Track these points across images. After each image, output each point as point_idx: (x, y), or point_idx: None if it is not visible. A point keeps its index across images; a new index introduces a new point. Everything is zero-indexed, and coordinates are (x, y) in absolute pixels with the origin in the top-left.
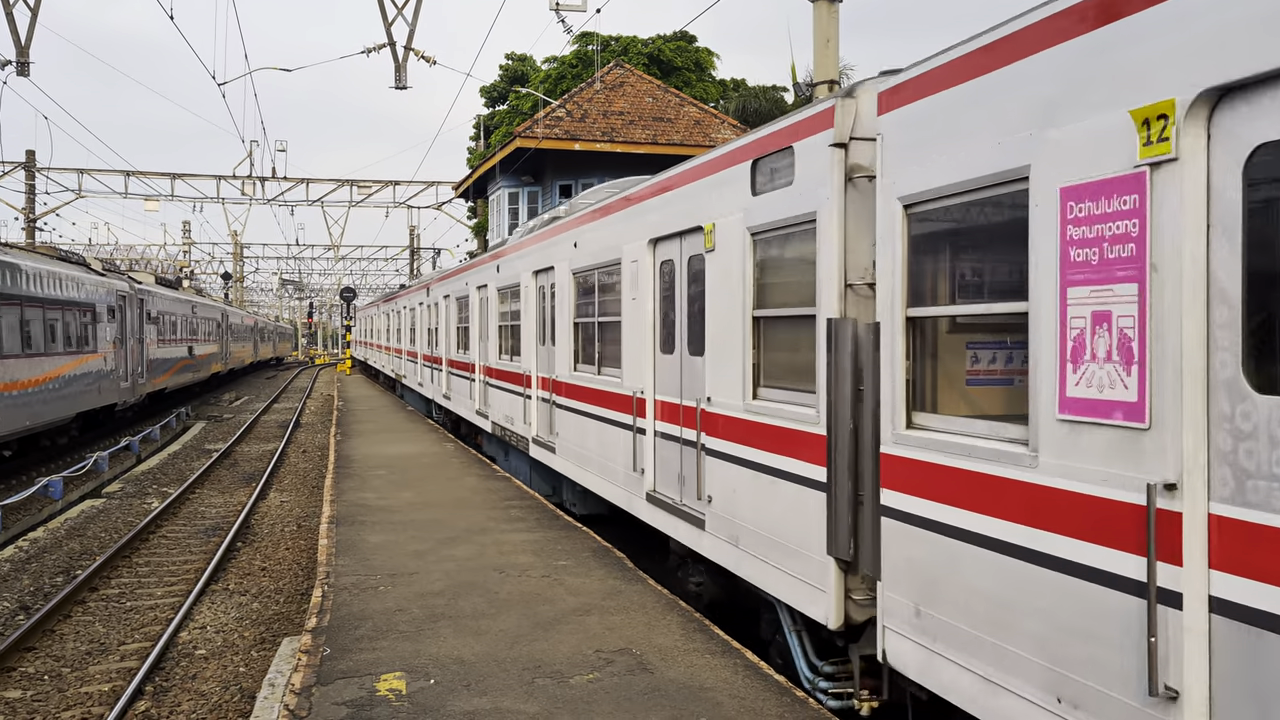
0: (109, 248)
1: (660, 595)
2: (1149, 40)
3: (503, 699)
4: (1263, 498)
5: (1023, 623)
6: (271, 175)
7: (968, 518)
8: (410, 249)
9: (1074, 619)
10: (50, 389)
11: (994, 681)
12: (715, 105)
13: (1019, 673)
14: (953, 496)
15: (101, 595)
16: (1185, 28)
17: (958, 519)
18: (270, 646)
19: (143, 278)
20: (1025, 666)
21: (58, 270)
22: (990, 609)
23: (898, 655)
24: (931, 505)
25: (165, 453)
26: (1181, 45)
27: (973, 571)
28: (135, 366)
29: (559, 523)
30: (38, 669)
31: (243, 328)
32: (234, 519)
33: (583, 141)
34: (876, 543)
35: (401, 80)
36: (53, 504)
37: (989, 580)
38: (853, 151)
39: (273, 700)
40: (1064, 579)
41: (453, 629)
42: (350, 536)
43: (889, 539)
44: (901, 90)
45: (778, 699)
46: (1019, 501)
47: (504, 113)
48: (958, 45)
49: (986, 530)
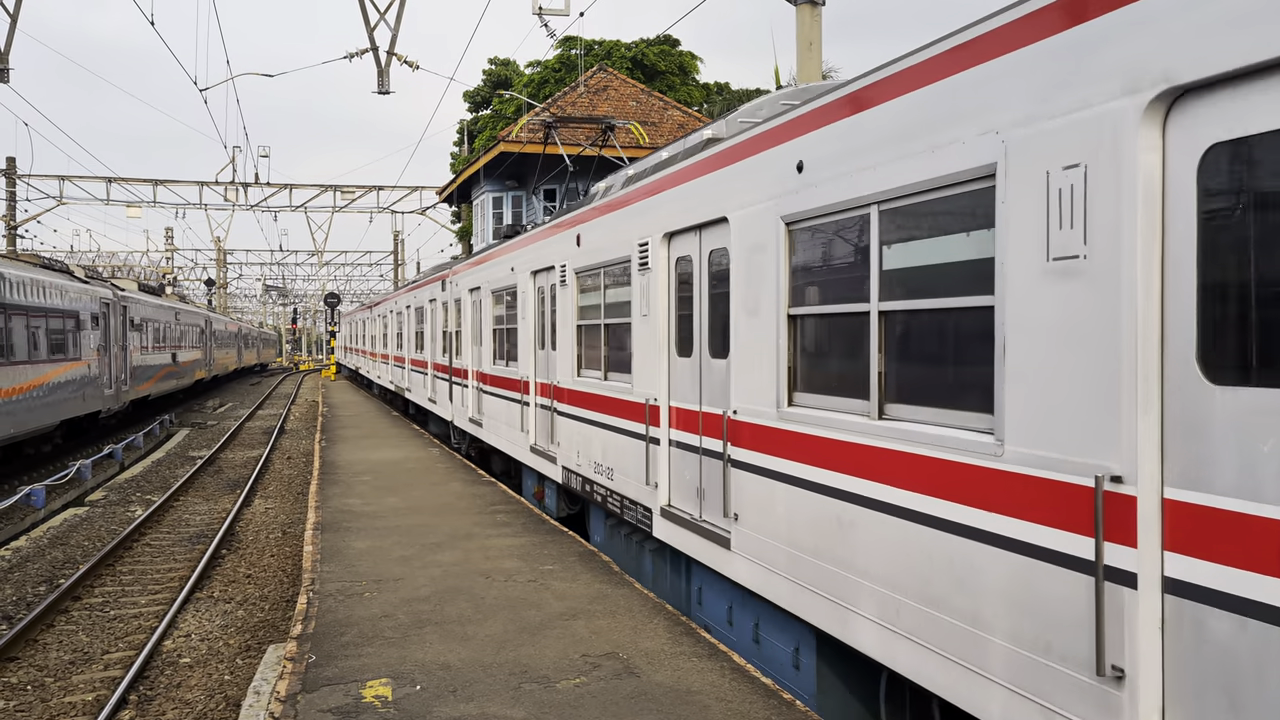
0: (91, 254)
1: (647, 599)
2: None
3: (489, 704)
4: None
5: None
6: (254, 181)
7: (839, 478)
8: (394, 254)
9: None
10: (34, 396)
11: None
12: (699, 109)
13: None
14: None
15: (85, 604)
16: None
17: (830, 478)
18: (255, 654)
19: (126, 285)
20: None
21: (41, 278)
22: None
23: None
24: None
25: (149, 460)
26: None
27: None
28: (119, 373)
29: (545, 527)
30: (20, 679)
31: (226, 334)
32: (218, 526)
33: (567, 145)
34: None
35: (384, 85)
36: (35, 513)
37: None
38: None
39: (258, 708)
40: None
41: (439, 635)
42: (335, 543)
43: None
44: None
45: (765, 701)
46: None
47: (487, 117)
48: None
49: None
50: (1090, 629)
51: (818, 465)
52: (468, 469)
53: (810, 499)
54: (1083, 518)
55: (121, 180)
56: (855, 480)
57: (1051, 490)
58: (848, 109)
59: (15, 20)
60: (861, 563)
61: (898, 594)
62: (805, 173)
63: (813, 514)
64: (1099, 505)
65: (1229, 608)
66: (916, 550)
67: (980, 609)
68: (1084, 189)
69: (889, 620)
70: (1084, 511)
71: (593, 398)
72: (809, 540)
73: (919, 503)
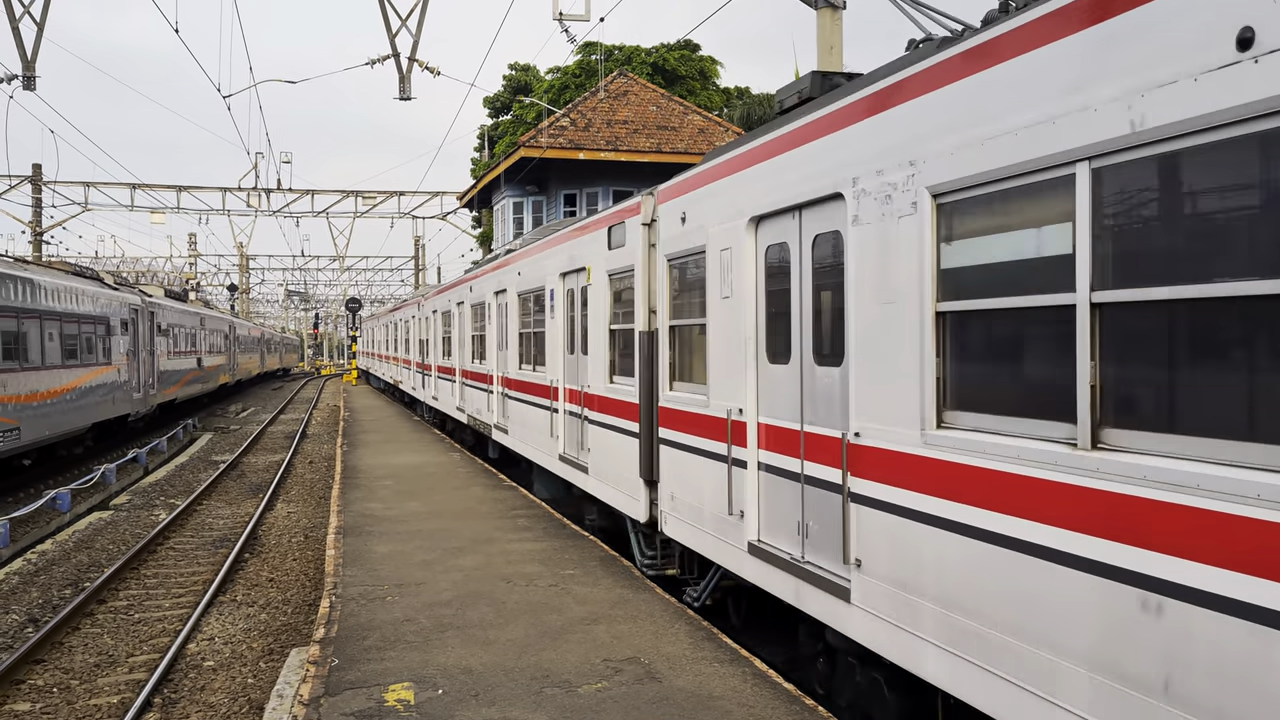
0: (115, 260)
1: (668, 604)
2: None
3: (511, 709)
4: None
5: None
6: (277, 187)
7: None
8: (415, 259)
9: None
10: (68, 400)
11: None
12: (719, 113)
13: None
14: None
15: (110, 607)
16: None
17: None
18: (278, 657)
19: (153, 291)
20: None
21: (74, 285)
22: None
23: None
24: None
25: (172, 464)
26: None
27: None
28: (147, 378)
29: (566, 532)
30: (46, 681)
31: (249, 339)
32: (241, 530)
33: (587, 150)
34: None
35: (406, 91)
36: (61, 516)
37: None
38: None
39: (281, 711)
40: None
41: (460, 639)
42: (358, 547)
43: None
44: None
45: (787, 706)
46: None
47: (508, 123)
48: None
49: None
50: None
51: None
52: (489, 473)
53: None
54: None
55: (145, 186)
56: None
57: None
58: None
59: (42, 29)
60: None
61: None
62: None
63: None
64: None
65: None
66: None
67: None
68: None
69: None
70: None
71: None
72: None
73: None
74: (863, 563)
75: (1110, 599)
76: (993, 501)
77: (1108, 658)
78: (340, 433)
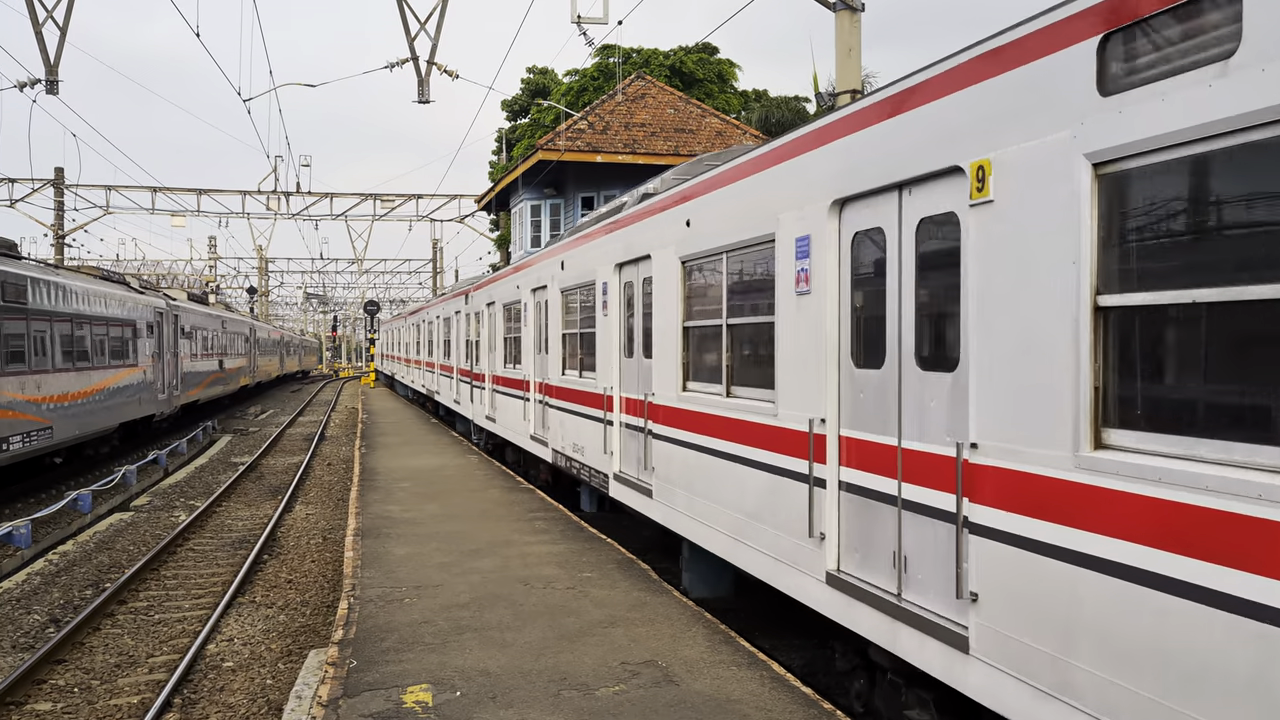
0: (136, 263)
1: (686, 607)
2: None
3: (529, 711)
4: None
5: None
6: (296, 190)
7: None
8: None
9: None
10: (97, 400)
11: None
12: (737, 116)
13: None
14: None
15: (130, 608)
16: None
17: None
18: (297, 659)
19: (176, 294)
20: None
21: (102, 289)
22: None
23: None
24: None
25: (192, 466)
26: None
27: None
28: (171, 379)
29: (583, 534)
30: (68, 681)
31: (269, 342)
32: (260, 532)
33: (604, 153)
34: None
35: (424, 94)
36: (82, 517)
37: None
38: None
39: (300, 712)
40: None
41: (478, 641)
42: (376, 549)
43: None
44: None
45: (805, 710)
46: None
47: (526, 126)
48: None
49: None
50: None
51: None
52: (506, 476)
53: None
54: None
55: (166, 190)
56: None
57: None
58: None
59: (65, 33)
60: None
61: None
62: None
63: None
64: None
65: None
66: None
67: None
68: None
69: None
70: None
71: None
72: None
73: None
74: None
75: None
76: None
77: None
78: (358, 435)
